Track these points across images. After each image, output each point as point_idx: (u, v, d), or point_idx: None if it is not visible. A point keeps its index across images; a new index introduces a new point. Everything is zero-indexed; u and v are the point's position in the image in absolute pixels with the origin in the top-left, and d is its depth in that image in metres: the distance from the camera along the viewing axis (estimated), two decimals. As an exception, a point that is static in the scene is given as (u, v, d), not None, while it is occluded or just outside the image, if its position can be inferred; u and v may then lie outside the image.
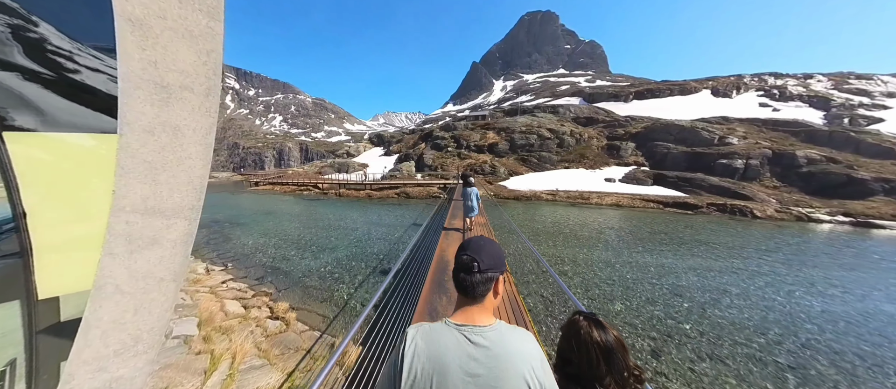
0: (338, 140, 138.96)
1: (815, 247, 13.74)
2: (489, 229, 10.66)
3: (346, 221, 17.50)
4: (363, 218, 18.35)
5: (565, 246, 12.54)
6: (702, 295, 7.32)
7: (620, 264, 10.23)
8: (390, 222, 17.04)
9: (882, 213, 19.83)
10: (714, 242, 13.83)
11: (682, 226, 17.08)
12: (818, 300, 7.24)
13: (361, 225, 16.44)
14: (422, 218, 17.17)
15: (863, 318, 6.24)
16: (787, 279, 8.82)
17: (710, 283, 8.25)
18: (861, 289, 8.02)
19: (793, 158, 25.66)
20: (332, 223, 17.15)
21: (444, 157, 39.86)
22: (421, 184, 27.87)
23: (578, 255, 11.23)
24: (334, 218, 18.61)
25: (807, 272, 9.71)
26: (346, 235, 14.47)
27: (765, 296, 7.45)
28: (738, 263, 10.55)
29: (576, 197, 24.33)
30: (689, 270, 9.62)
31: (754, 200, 22.33)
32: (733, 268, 9.86)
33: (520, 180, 30.25)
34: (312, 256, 11.33)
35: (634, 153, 32.14)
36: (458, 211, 13.70)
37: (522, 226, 16.40)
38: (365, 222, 17.32)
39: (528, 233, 14.85)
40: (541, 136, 37.22)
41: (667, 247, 12.73)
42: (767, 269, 9.98)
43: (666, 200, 22.54)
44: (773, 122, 33.85)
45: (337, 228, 16.02)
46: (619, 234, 14.95)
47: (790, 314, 6.35)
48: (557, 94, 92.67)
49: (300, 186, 32.89)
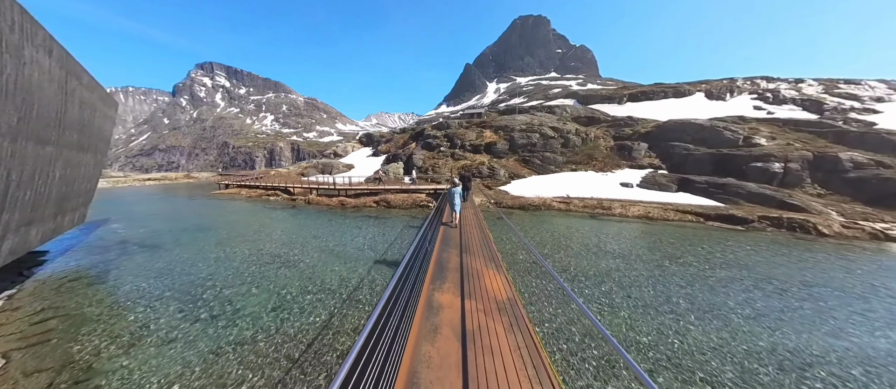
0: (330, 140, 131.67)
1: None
2: (484, 235, 8.36)
3: (292, 250, 11.82)
4: (320, 242, 12.73)
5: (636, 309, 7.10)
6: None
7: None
8: (352, 253, 11.47)
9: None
10: (823, 282, 8.78)
11: (745, 250, 12.08)
12: None
13: (310, 258, 10.82)
14: (397, 245, 11.71)
15: None
16: None
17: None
18: None
19: (836, 161, 21.19)
20: (271, 253, 11.42)
21: (435, 157, 34.36)
22: (405, 190, 22.30)
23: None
24: (281, 242, 12.88)
25: None
26: (276, 281, 8.73)
27: None
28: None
29: (594, 206, 19.20)
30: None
31: (809, 211, 17.63)
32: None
33: (523, 185, 25.03)
34: (190, 336, 5.59)
35: (648, 155, 27.37)
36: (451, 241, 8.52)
37: (549, 254, 10.93)
38: (319, 250, 11.68)
39: (564, 271, 9.38)
40: (543, 134, 32.12)
41: (772, 298, 7.62)
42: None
43: (706, 211, 17.61)
44: (795, 122, 29.62)
45: (272, 263, 10.30)
46: (691, 272, 9.68)
47: None
48: (550, 96, 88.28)
49: (269, 190, 26.85)
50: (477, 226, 9.91)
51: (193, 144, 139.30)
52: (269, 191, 26.48)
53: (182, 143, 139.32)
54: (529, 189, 23.60)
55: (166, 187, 49.04)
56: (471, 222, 10.54)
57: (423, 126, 46.84)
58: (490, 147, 33.93)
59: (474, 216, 11.83)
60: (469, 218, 11.42)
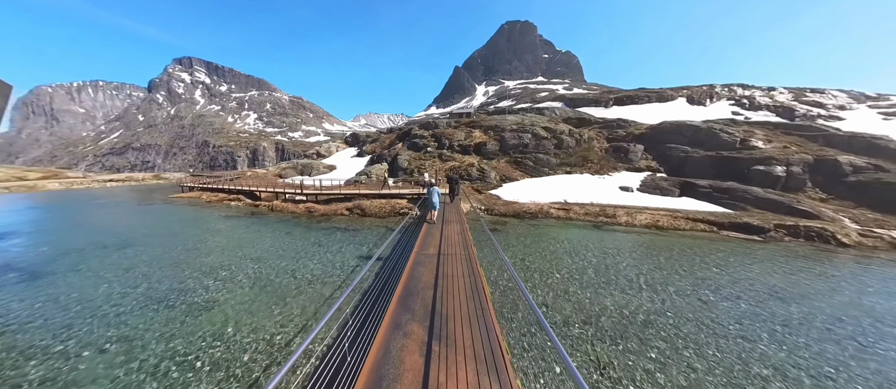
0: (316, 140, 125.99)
1: None
2: (473, 272, 6.00)
3: (215, 281, 8.85)
4: (259, 268, 9.84)
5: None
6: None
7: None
8: (296, 287, 8.63)
9: None
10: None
11: (783, 271, 9.99)
12: None
13: (232, 297, 7.94)
14: (361, 273, 8.72)
15: None
16: None
17: None
18: None
19: (835, 165, 20.01)
20: (183, 286, 8.37)
21: (422, 158, 31.56)
22: (382, 195, 19.20)
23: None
24: (208, 268, 9.89)
25: None
26: (155, 348, 5.61)
27: None
28: None
29: (596, 213, 16.99)
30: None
31: (822, 218, 16.08)
32: None
33: (516, 188, 22.66)
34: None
35: (645, 157, 25.67)
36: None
37: (554, 287, 8.39)
38: (252, 281, 8.77)
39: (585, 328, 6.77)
40: (535, 135, 29.96)
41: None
42: None
43: (719, 219, 15.72)
44: (784, 125, 28.80)
45: (176, 304, 7.23)
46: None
47: None
48: (538, 99, 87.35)
49: (231, 194, 23.18)
50: (463, 256, 6.86)
51: (171, 143, 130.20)
52: (231, 195, 22.78)
53: (158, 141, 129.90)
54: (523, 194, 21.25)
55: (132, 189, 43.94)
56: (455, 248, 7.60)
57: (410, 126, 43.93)
58: (480, 148, 31.48)
59: (460, 237, 8.88)
60: (453, 239, 8.52)
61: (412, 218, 14.92)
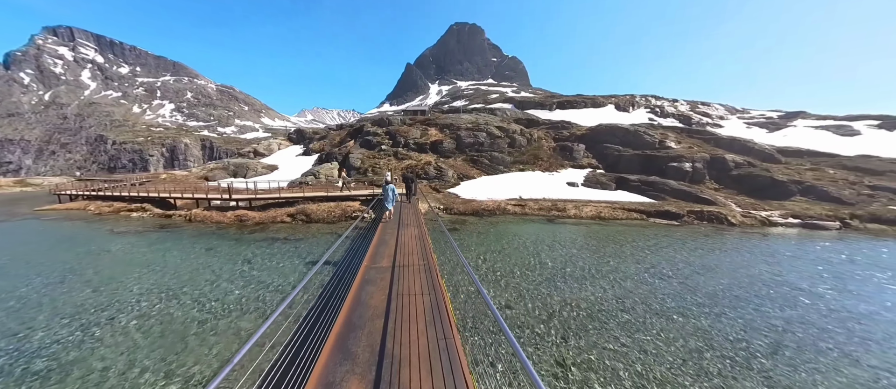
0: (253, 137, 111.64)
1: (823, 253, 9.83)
2: (433, 283, 5.18)
3: (71, 365, 6.70)
4: (155, 305, 7.89)
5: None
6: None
7: None
8: (202, 336, 7.09)
9: (822, 214, 18.58)
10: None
11: (704, 249, 11.62)
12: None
13: (100, 376, 5.95)
14: (303, 294, 7.48)
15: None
16: None
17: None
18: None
19: (723, 161, 24.50)
20: (19, 351, 6.12)
21: (376, 157, 29.95)
22: (331, 198, 17.36)
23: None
24: (73, 310, 7.67)
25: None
26: None
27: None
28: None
29: (549, 208, 17.92)
30: None
31: (717, 204, 19.41)
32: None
33: (473, 186, 22.80)
34: None
35: (586, 155, 28.23)
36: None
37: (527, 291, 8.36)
38: (140, 325, 7.09)
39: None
40: (490, 134, 30.71)
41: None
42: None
43: (647, 209, 17.87)
44: (687, 130, 34.47)
45: (11, 375, 5.13)
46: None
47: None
48: (490, 100, 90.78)
49: (133, 202, 18.59)
50: (422, 267, 5.82)
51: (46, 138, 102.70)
52: (133, 205, 18.18)
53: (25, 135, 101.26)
54: (481, 191, 21.47)
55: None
56: (412, 257, 6.48)
57: (363, 123, 41.48)
58: (436, 146, 31.11)
59: (419, 243, 7.75)
60: (410, 246, 7.39)
61: (365, 221, 13.72)
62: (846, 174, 25.11)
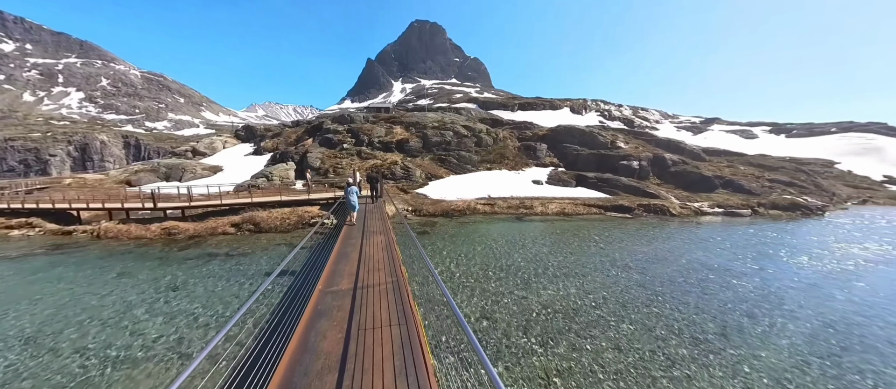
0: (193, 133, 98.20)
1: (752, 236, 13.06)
2: (403, 304, 4.35)
3: None
4: (26, 359, 5.71)
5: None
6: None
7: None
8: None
9: (737, 204, 21.69)
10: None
11: (655, 239, 12.68)
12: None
13: None
14: (248, 322, 6.09)
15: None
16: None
17: None
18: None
19: (663, 160, 27.42)
20: None
21: (337, 156, 28.08)
22: (285, 202, 15.39)
23: None
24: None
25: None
26: None
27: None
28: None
29: (517, 206, 18.28)
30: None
31: (659, 198, 21.57)
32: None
33: (442, 186, 22.45)
34: None
35: (549, 154, 29.59)
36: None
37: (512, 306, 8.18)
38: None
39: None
40: (457, 133, 30.62)
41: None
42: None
43: (604, 204, 19.18)
44: (633, 132, 38.08)
45: None
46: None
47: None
48: (454, 100, 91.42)
49: (15, 216, 14.50)
50: (390, 287, 4.82)
51: None
52: (12, 220, 13.99)
53: None
54: (450, 191, 21.20)
55: None
56: (379, 274, 5.39)
57: (322, 120, 38.67)
58: (402, 145, 30.15)
59: (386, 254, 6.58)
60: (376, 258, 6.27)
61: (325, 228, 12.47)
62: (752, 170, 29.74)
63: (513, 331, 5.96)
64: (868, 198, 29.79)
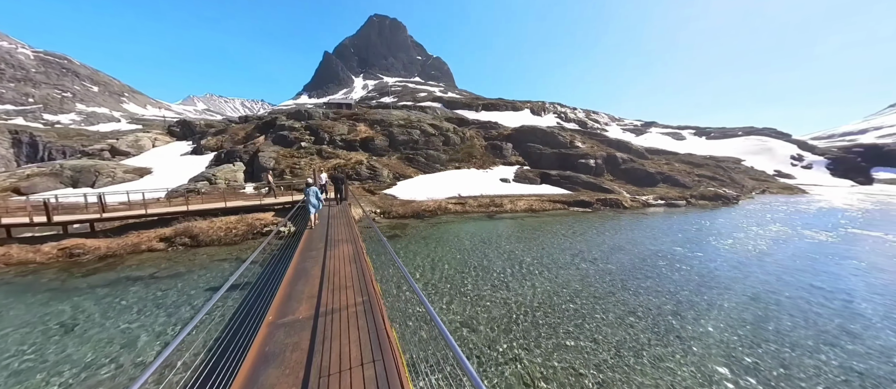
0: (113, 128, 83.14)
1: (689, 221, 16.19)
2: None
3: None
4: None
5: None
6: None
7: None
8: None
9: (674, 196, 24.51)
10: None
11: (612, 230, 13.62)
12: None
13: None
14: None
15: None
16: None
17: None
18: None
19: (615, 158, 29.94)
20: None
21: (295, 156, 25.81)
22: (229, 210, 13.11)
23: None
24: None
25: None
26: None
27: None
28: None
29: (488, 205, 18.41)
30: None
31: (614, 192, 23.42)
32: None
33: (411, 186, 21.79)
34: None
35: (514, 153, 30.47)
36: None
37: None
38: None
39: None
40: (424, 131, 30.03)
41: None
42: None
43: (567, 199, 20.23)
44: (588, 133, 41.04)
45: None
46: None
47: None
48: (418, 99, 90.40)
49: None
50: (361, 310, 4.01)
51: None
52: None
53: None
54: (420, 191, 20.64)
55: None
56: (347, 293, 4.55)
57: (276, 115, 35.23)
58: (367, 144, 28.74)
59: (354, 267, 5.68)
60: (342, 274, 5.32)
61: (281, 238, 11.12)
62: (684, 167, 33.89)
63: (497, 336, 5.72)
64: (766, 188, 35.84)
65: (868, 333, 6.04)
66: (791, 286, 8.29)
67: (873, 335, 5.98)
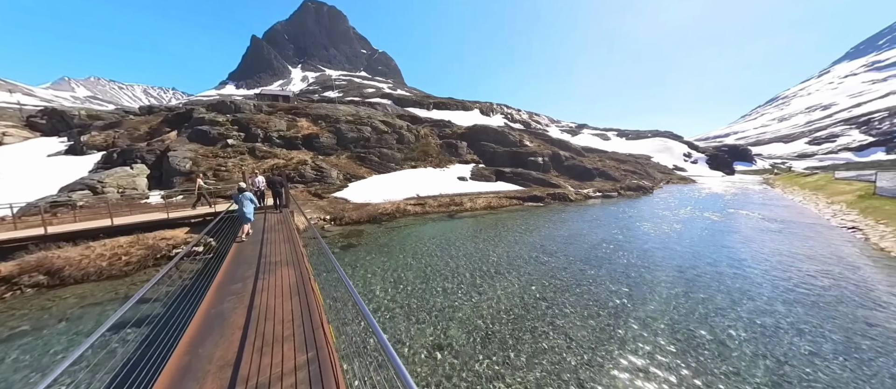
0: (-80, 122, 59.43)
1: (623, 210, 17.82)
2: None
3: None
4: None
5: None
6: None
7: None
8: None
9: (608, 188, 27.77)
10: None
11: (562, 222, 14.60)
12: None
13: None
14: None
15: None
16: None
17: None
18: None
19: (559, 156, 32.64)
20: None
21: (219, 156, 21.93)
22: (123, 229, 9.18)
23: None
24: None
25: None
26: None
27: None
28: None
29: (448, 204, 18.12)
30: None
31: (560, 187, 25.42)
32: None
33: (365, 187, 20.30)
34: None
35: (469, 152, 30.85)
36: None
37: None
38: None
39: None
40: (375, 128, 28.38)
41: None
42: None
43: (522, 195, 21.22)
44: (534, 133, 44.01)
45: None
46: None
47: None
48: (366, 94, 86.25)
49: None
50: (308, 381, 2.52)
51: None
52: None
53: None
54: (375, 192, 19.32)
55: None
56: (285, 346, 3.00)
57: (193, 107, 29.33)
58: (311, 141, 25.96)
59: (296, 301, 4.07)
60: (276, 319, 3.55)
61: (200, 260, 8.85)
62: (614, 163, 38.74)
63: (476, 353, 5.31)
64: (669, 179, 43.29)
65: (757, 290, 7.37)
66: (703, 259, 9.88)
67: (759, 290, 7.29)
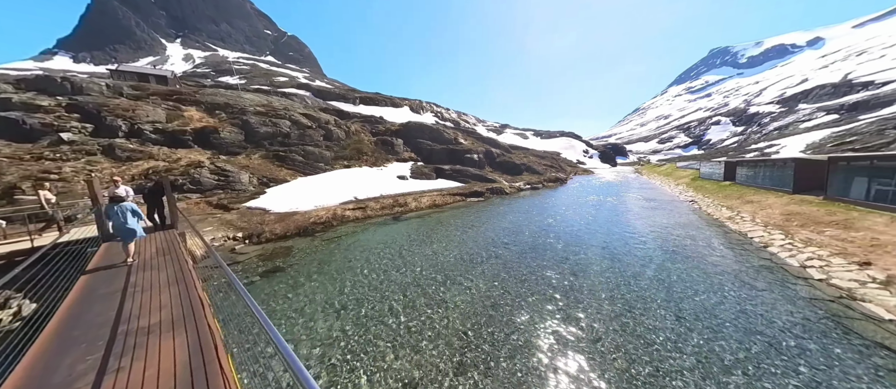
0: None
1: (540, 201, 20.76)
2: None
3: None
4: None
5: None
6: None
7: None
8: None
9: (535, 180, 31.18)
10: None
11: (504, 212, 15.61)
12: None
13: None
14: None
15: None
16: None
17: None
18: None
19: (492, 153, 34.83)
20: None
21: (46, 157, 15.40)
22: None
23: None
24: None
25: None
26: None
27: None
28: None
29: (391, 205, 17.02)
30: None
31: (496, 182, 27.15)
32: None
33: (288, 192, 17.33)
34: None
35: (406, 149, 29.79)
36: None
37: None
38: None
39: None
40: (296, 123, 24.52)
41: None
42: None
43: (464, 191, 21.76)
44: (466, 131, 45.77)
45: None
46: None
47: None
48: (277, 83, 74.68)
49: None
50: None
51: None
52: None
53: None
54: (302, 198, 16.64)
55: None
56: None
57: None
58: (208, 137, 20.68)
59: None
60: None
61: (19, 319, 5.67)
62: (536, 159, 43.64)
63: (449, 375, 4.88)
64: (575, 171, 51.66)
65: (653, 252, 9.32)
66: (615, 235, 12.03)
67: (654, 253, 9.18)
